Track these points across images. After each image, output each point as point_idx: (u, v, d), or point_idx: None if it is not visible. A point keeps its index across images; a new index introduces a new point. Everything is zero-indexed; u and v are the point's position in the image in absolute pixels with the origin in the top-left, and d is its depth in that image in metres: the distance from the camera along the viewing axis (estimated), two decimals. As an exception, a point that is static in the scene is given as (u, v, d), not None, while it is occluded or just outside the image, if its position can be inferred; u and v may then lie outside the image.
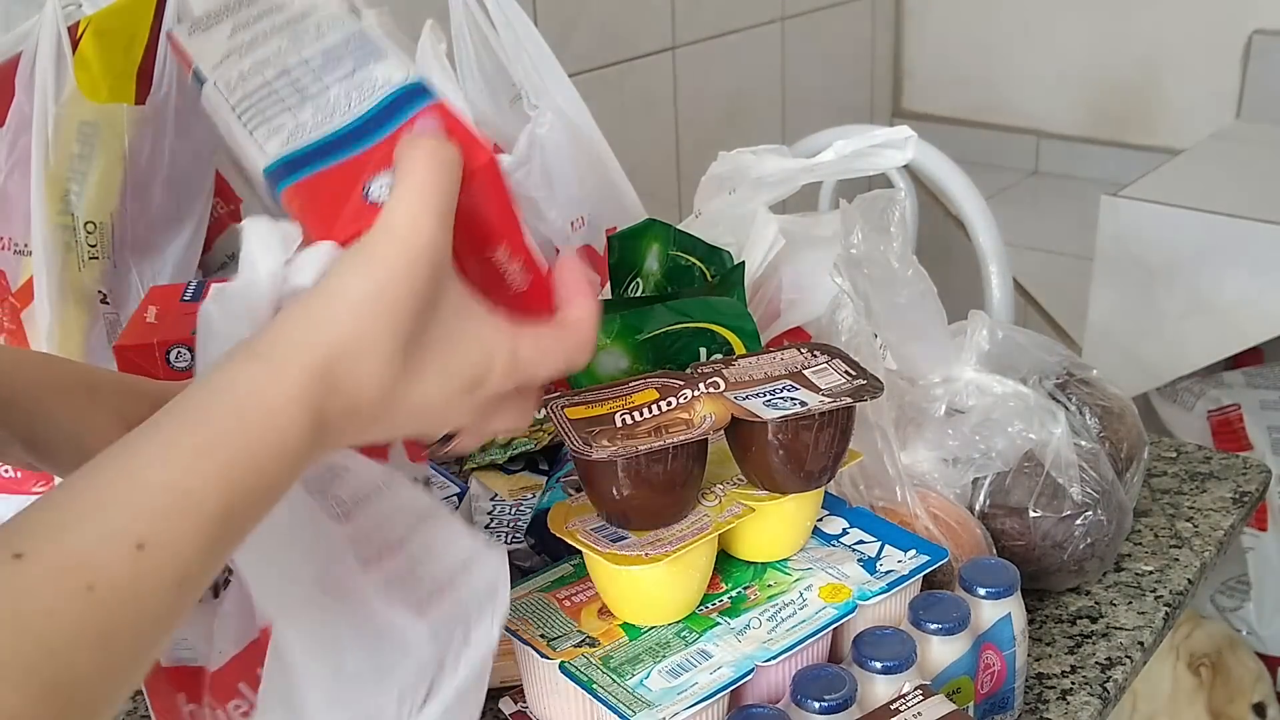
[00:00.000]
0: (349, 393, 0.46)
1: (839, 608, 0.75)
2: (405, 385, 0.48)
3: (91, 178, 1.00)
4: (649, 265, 1.07)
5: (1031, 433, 0.88)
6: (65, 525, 0.40)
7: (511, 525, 0.93)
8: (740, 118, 2.18)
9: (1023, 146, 2.47)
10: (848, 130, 1.32)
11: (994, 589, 0.77)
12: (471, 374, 0.50)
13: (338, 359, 0.46)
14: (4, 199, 1.00)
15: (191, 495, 0.42)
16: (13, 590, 0.38)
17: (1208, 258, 1.68)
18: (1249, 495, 1.04)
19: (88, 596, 0.39)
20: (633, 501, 0.73)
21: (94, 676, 0.39)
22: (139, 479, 0.42)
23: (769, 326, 1.08)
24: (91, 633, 0.39)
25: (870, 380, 0.79)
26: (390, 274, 0.47)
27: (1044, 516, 0.87)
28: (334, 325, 0.46)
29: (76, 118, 0.99)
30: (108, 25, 0.99)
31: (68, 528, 0.40)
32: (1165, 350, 1.76)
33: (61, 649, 0.38)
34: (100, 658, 0.39)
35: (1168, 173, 1.88)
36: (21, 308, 1.01)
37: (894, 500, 0.86)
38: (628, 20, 1.90)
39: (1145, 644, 0.86)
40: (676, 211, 1.89)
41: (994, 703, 0.79)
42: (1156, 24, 2.24)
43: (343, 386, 0.46)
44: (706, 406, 0.76)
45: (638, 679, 0.70)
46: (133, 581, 0.40)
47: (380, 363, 0.47)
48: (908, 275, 0.88)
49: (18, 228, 1.00)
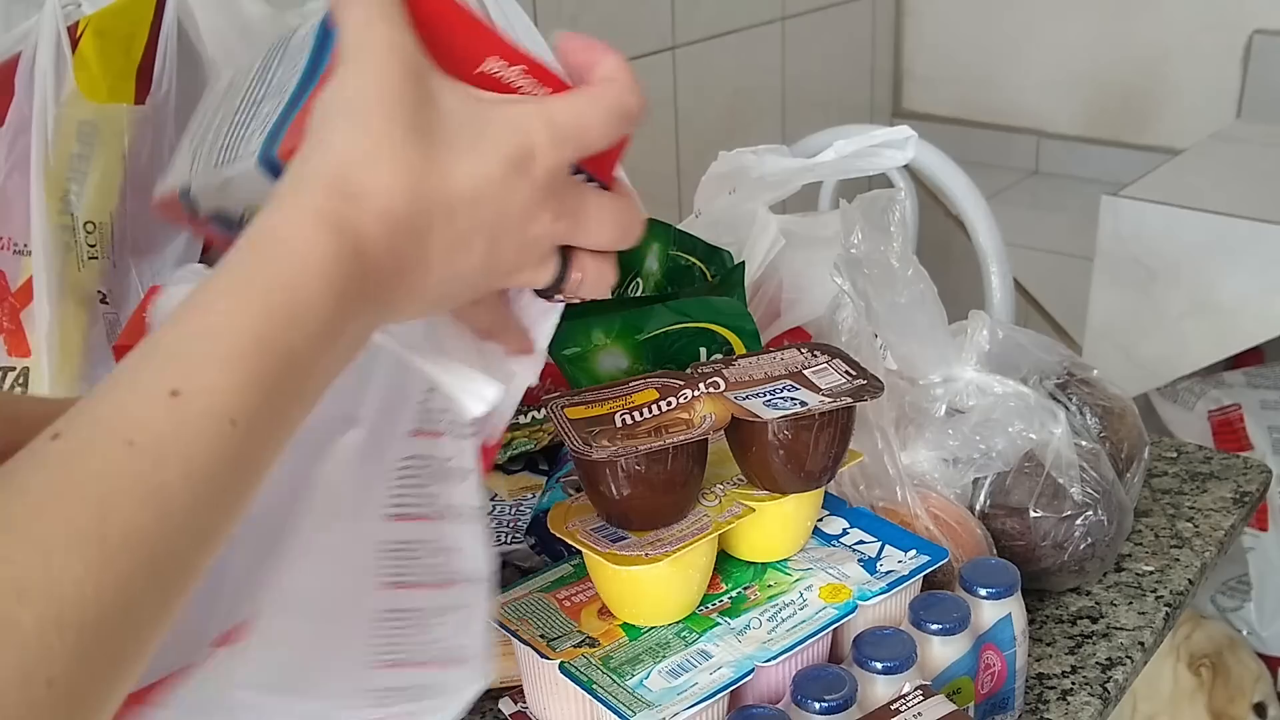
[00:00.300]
0: (372, 195, 0.43)
1: (839, 608, 0.75)
2: (437, 174, 0.44)
3: (91, 177, 1.00)
4: (649, 265, 1.07)
5: (1032, 433, 0.88)
6: (98, 397, 0.39)
7: (511, 525, 0.93)
8: (740, 118, 2.18)
9: (1023, 146, 2.47)
10: (848, 130, 1.32)
11: (994, 589, 0.77)
12: (511, 148, 0.45)
13: (343, 171, 0.43)
14: (3, 199, 1.00)
15: (218, 334, 0.40)
16: (53, 464, 0.37)
17: (1208, 257, 1.68)
18: (1249, 495, 1.04)
19: (129, 451, 0.38)
20: (633, 501, 0.73)
21: (156, 532, 0.38)
22: (164, 337, 0.41)
23: (769, 326, 1.08)
24: (142, 488, 0.37)
25: (870, 380, 0.79)
26: (361, 80, 0.44)
27: (1044, 517, 0.87)
28: (327, 148, 0.44)
29: (76, 117, 0.99)
30: (107, 25, 0.99)
31: (100, 398, 0.39)
32: (1165, 350, 1.76)
33: (115, 507, 0.37)
34: (157, 512, 0.38)
35: (1168, 173, 1.88)
36: (21, 307, 1.01)
37: (894, 500, 0.86)
38: (627, 20, 1.90)
39: (1146, 644, 0.86)
40: (676, 211, 1.89)
41: (994, 703, 0.79)
42: (1157, 24, 2.24)
43: (361, 192, 0.43)
44: (706, 406, 0.76)
45: (638, 679, 0.70)
46: (175, 430, 0.38)
47: (391, 158, 0.43)
48: (908, 275, 0.88)
49: (17, 227, 1.00)
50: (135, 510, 0.37)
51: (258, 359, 0.40)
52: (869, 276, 0.88)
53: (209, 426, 0.39)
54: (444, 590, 0.53)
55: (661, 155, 2.00)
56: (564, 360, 0.92)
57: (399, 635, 0.52)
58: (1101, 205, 1.75)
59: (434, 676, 0.52)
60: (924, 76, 2.56)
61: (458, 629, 0.52)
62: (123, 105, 1.00)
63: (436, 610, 0.53)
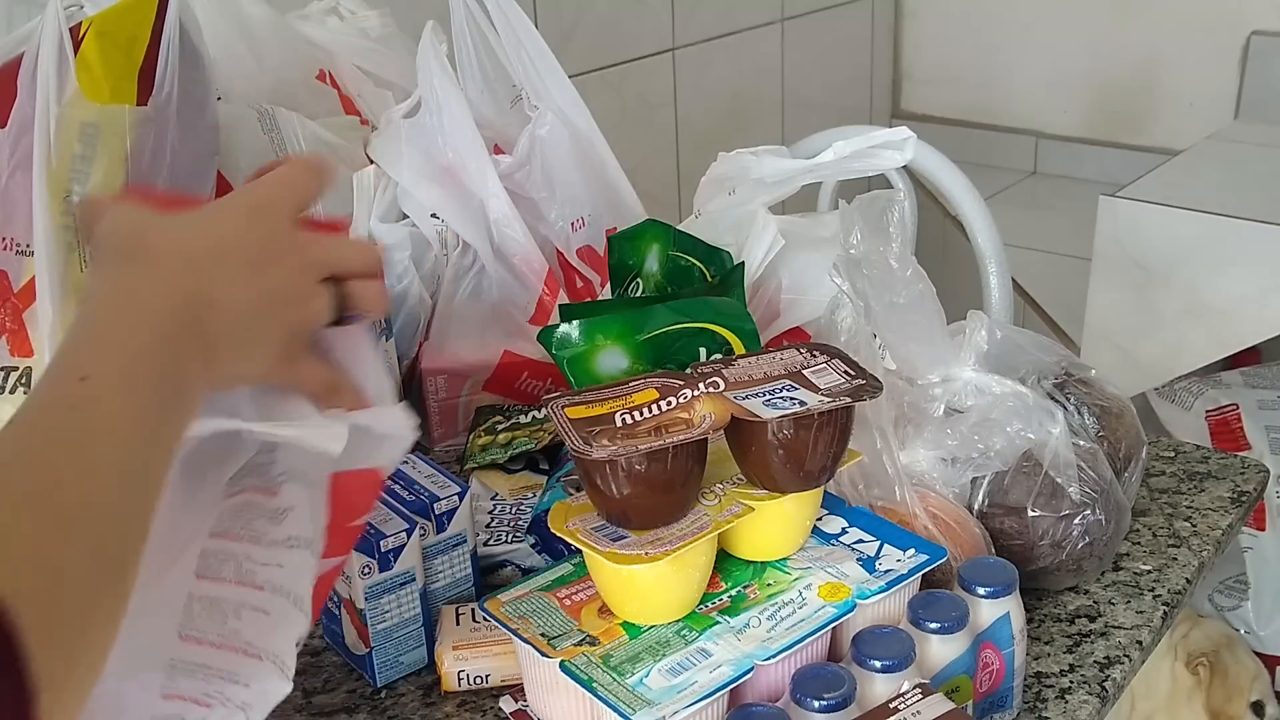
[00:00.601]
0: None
1: (838, 606, 0.76)
2: (206, 233, 0.59)
3: (94, 178, 1.00)
4: (649, 266, 1.07)
5: (1030, 432, 0.88)
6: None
7: (512, 524, 0.93)
8: (740, 118, 2.18)
9: (1021, 147, 2.48)
10: (847, 131, 1.32)
11: (993, 588, 0.78)
12: (247, 201, 0.62)
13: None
14: (6, 200, 1.00)
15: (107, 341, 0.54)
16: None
17: (1206, 258, 1.68)
18: (1247, 495, 1.04)
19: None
20: (633, 501, 0.74)
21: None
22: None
23: (769, 326, 1.08)
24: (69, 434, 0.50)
25: (869, 380, 0.79)
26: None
27: (1042, 516, 0.88)
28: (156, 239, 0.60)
29: (78, 118, 0.99)
30: (110, 26, 0.99)
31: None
32: (1163, 350, 1.76)
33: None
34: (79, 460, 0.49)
35: (1166, 173, 1.88)
36: (24, 308, 1.02)
37: (893, 500, 0.86)
38: (628, 21, 1.90)
39: (1143, 643, 0.87)
40: (676, 212, 1.89)
41: (992, 701, 0.79)
42: (1155, 25, 2.25)
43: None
44: (706, 406, 0.76)
45: (638, 678, 0.70)
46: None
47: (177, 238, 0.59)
48: (907, 275, 0.88)
49: (20, 228, 1.00)
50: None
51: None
52: (868, 277, 0.88)
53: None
54: (254, 591, 0.63)
55: (661, 156, 2.01)
56: (564, 360, 0.92)
57: (204, 617, 0.62)
58: (1100, 206, 1.76)
59: (231, 660, 0.62)
60: (923, 78, 2.57)
61: (258, 628, 0.62)
62: (125, 106, 1.00)
63: (240, 606, 0.62)
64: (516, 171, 1.14)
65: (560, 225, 1.17)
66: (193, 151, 1.06)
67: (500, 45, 1.18)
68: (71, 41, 0.98)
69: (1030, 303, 2.12)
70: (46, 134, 0.98)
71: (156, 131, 1.02)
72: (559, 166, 1.15)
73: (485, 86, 1.22)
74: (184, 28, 1.03)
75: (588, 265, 1.18)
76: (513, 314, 1.12)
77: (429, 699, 0.83)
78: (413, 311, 1.11)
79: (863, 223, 0.88)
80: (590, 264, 1.19)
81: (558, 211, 1.17)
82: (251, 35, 1.22)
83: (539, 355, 1.05)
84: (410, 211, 1.13)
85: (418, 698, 0.83)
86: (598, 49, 1.84)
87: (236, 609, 0.63)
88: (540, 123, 1.14)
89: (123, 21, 1.00)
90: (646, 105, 1.98)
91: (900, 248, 0.88)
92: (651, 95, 1.98)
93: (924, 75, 2.56)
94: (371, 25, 1.35)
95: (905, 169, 1.68)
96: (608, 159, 1.19)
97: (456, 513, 0.85)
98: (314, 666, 0.86)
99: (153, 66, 1.01)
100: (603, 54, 1.85)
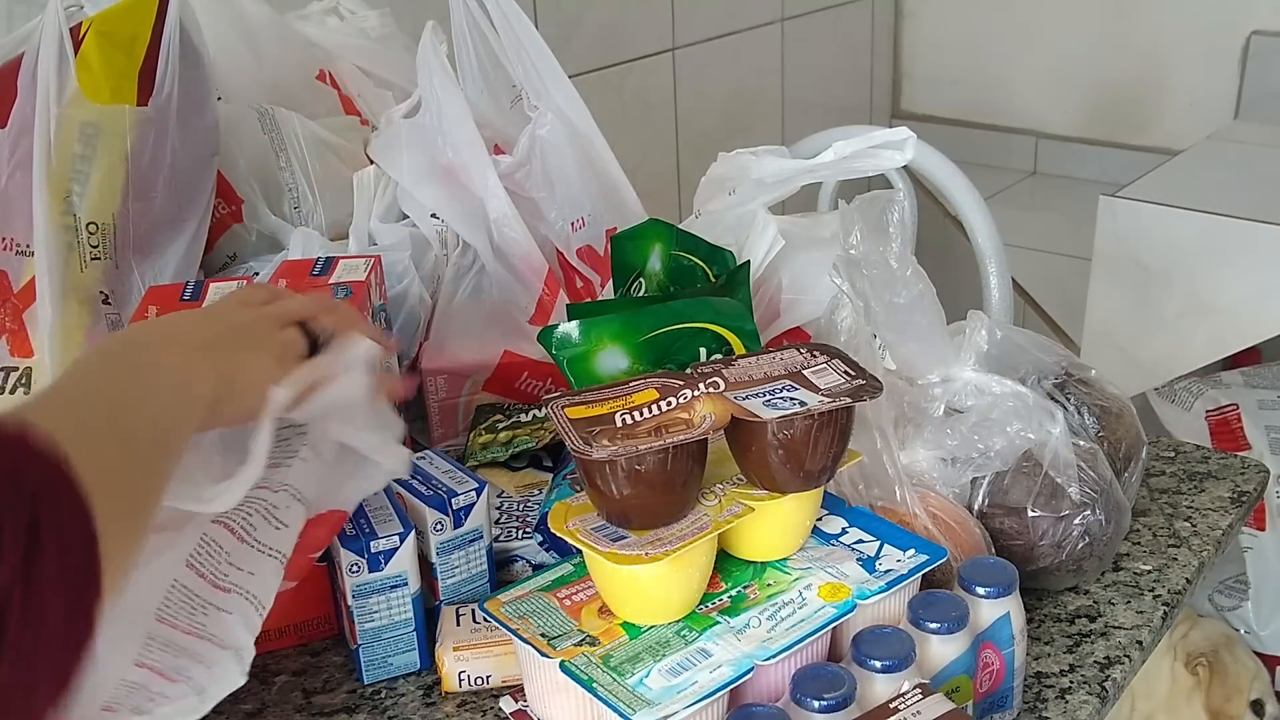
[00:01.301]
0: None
1: (838, 607, 0.76)
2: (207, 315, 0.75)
3: (93, 178, 1.00)
4: (651, 265, 1.07)
5: (1030, 432, 0.88)
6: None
7: (521, 520, 0.93)
8: (740, 118, 2.18)
9: (1022, 147, 2.48)
10: (847, 131, 1.32)
11: (993, 588, 0.78)
12: (236, 297, 0.77)
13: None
14: (6, 200, 1.00)
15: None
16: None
17: (1206, 258, 1.68)
18: (1247, 495, 1.04)
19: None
20: (633, 501, 0.74)
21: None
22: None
23: (769, 326, 1.08)
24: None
25: (869, 380, 0.79)
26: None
27: (1042, 516, 0.88)
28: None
29: (78, 119, 0.99)
30: (110, 26, 0.99)
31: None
32: (1163, 350, 1.76)
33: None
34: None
35: (1166, 173, 1.88)
36: (24, 308, 1.02)
37: (893, 500, 0.86)
38: (628, 21, 1.90)
39: (1143, 643, 0.87)
40: (676, 212, 1.89)
41: (993, 701, 0.79)
42: (1155, 25, 2.25)
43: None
44: (706, 406, 0.76)
45: (638, 678, 0.70)
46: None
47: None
48: (907, 275, 0.88)
49: (20, 228, 1.00)
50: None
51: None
52: (868, 277, 0.88)
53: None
54: (222, 594, 0.69)
55: (661, 156, 2.01)
56: (564, 360, 0.92)
57: (177, 605, 0.68)
58: (1100, 206, 1.76)
59: (198, 645, 0.67)
60: (923, 78, 2.57)
61: (223, 626, 0.68)
62: (125, 106, 1.00)
63: (208, 604, 0.69)
64: (516, 171, 1.14)
65: (560, 225, 1.17)
66: (193, 151, 1.06)
67: (500, 45, 1.18)
68: (71, 41, 0.98)
69: (1030, 303, 2.13)
70: (46, 134, 0.98)
71: (156, 131, 1.02)
72: (559, 166, 1.15)
73: (485, 86, 1.22)
74: (184, 28, 1.03)
75: (588, 265, 1.18)
76: (513, 314, 1.12)
77: (429, 699, 0.83)
78: (413, 311, 1.11)
79: (863, 223, 0.88)
80: (590, 264, 1.19)
81: (558, 211, 1.17)
82: (251, 35, 1.22)
83: (539, 355, 1.05)
84: (410, 211, 1.13)
85: (418, 698, 0.83)
86: (598, 49, 1.84)
87: (204, 606, 0.69)
88: (540, 122, 1.14)
89: (123, 21, 1.00)
90: (646, 105, 1.98)
91: (900, 248, 0.88)
92: (651, 95, 1.98)
93: (924, 75, 2.56)
94: (371, 25, 1.35)
95: (905, 169, 1.68)
96: (608, 159, 1.19)
97: (474, 508, 0.85)
98: (314, 667, 0.86)
99: (153, 66, 1.01)
100: (603, 54, 1.85)
